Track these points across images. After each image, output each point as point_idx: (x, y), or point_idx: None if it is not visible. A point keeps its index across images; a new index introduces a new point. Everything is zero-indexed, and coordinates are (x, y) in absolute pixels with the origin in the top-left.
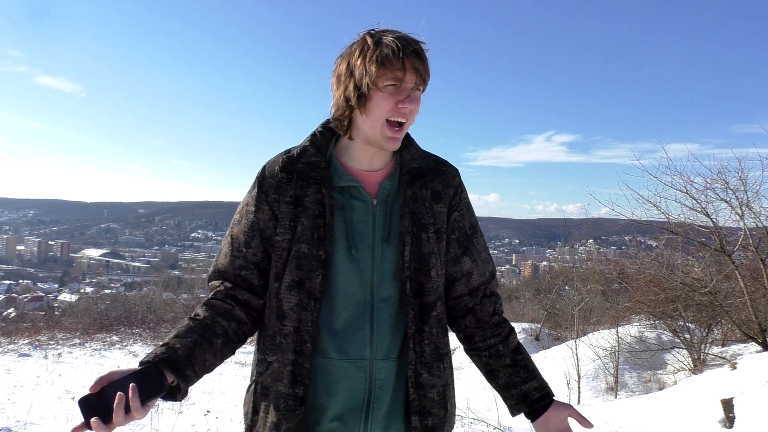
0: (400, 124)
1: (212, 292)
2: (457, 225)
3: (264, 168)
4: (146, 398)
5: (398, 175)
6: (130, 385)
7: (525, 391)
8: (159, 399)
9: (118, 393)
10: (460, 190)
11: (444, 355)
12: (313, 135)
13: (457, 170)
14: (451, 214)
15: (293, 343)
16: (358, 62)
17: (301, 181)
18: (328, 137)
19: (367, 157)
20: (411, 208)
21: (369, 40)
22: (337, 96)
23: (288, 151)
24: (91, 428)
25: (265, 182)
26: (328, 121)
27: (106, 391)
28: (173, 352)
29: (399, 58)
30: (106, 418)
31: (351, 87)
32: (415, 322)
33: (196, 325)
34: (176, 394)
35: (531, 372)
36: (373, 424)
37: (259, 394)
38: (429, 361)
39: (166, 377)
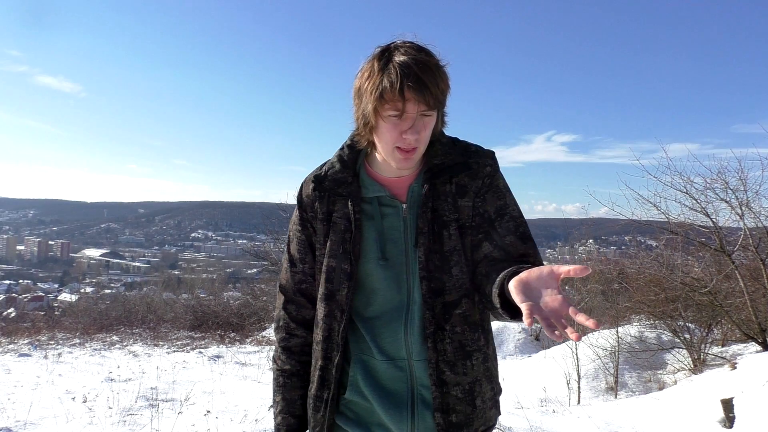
0: (412, 148)
1: (283, 329)
2: (477, 211)
3: (301, 188)
4: None
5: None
6: None
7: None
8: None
9: None
10: (488, 180)
11: (473, 352)
12: (341, 149)
13: (489, 159)
14: (476, 204)
15: (323, 351)
16: (365, 87)
17: (331, 198)
18: (357, 150)
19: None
20: (432, 206)
21: (376, 65)
22: (354, 114)
23: (318, 169)
24: None
25: (302, 202)
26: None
27: None
28: (293, 425)
29: (398, 90)
30: None
31: (360, 111)
32: (434, 321)
33: (287, 378)
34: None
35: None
36: (418, 420)
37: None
38: (452, 359)
39: None
